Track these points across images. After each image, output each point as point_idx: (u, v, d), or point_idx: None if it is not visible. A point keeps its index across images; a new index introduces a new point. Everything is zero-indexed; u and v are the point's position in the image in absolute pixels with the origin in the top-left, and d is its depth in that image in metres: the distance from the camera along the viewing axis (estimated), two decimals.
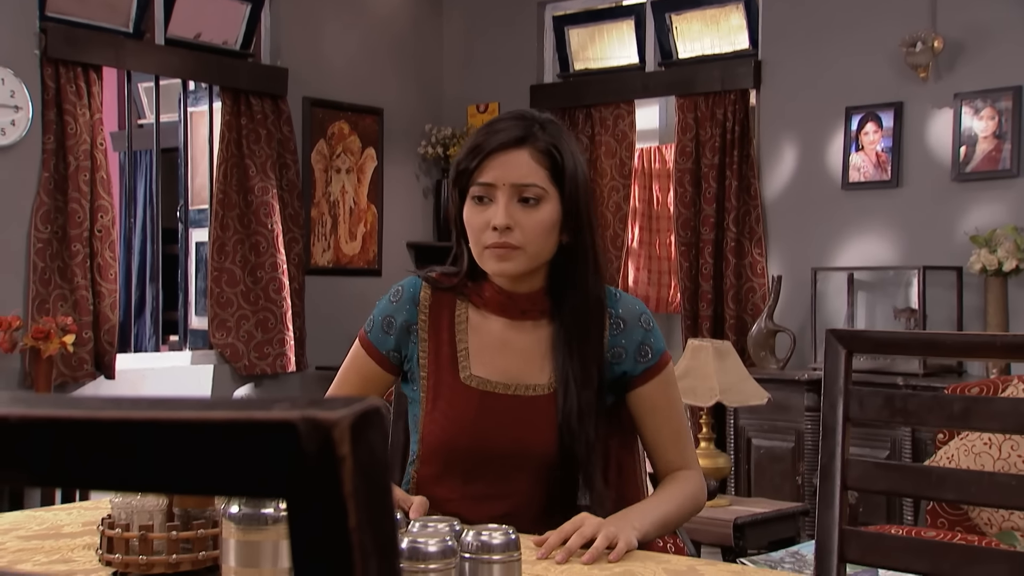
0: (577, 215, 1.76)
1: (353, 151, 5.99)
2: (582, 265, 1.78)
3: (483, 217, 1.74)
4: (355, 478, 0.45)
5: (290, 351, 5.47)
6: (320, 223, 5.85)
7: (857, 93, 5.09)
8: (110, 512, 1.45)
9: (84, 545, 1.60)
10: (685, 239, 5.58)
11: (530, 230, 1.73)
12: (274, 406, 0.47)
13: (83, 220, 4.82)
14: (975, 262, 4.52)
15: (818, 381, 4.79)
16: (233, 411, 0.47)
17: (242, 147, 5.44)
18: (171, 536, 1.40)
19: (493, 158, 1.73)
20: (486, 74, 6.29)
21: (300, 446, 0.45)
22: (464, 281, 1.82)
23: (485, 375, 1.79)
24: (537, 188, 1.73)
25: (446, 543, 1.18)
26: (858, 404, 1.58)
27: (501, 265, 1.74)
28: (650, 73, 5.82)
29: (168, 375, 5.23)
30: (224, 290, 5.38)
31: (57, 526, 1.73)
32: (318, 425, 0.45)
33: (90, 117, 4.88)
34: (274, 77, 5.58)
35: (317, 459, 0.45)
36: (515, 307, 1.80)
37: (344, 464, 0.45)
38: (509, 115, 1.79)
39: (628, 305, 1.82)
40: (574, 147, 1.79)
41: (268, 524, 1.32)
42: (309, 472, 0.45)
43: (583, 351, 1.76)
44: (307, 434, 0.45)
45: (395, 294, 1.86)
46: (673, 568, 1.46)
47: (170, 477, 0.49)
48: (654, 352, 1.81)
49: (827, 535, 1.56)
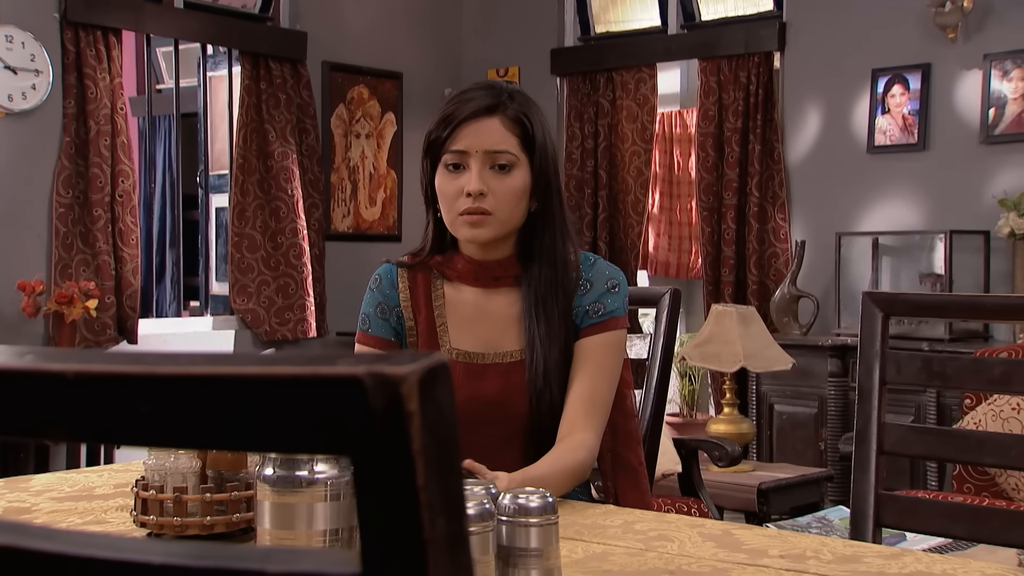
0: (547, 182, 1.81)
1: (372, 116, 5.97)
2: (550, 232, 1.82)
3: (456, 184, 1.77)
4: (423, 435, 0.44)
5: (311, 316, 5.48)
6: (340, 188, 5.83)
7: (883, 55, 5.03)
8: (143, 474, 1.45)
9: (117, 507, 1.60)
10: (707, 204, 5.55)
11: (502, 196, 1.76)
12: (338, 361, 0.45)
13: (104, 185, 4.81)
14: (1003, 226, 4.47)
15: (842, 347, 4.78)
16: (296, 366, 0.46)
17: (262, 112, 5.42)
18: (205, 498, 1.40)
19: (465, 126, 1.77)
20: (506, 38, 6.25)
21: (367, 402, 0.44)
22: (432, 255, 1.85)
23: (464, 347, 1.84)
24: (509, 155, 1.77)
25: (483, 506, 1.17)
26: (895, 368, 1.56)
27: (474, 231, 1.77)
28: (672, 36, 5.76)
29: (190, 340, 5.24)
30: (245, 256, 5.38)
31: (89, 488, 1.73)
32: (386, 380, 0.44)
33: (110, 81, 4.87)
34: (293, 41, 5.55)
35: (384, 415, 0.44)
36: (487, 275, 1.83)
37: (412, 420, 0.44)
38: (477, 85, 1.84)
39: (600, 270, 1.85)
40: (542, 117, 1.84)
41: (303, 486, 1.31)
42: (375, 429, 0.44)
43: (549, 314, 1.79)
44: (374, 389, 0.44)
45: (374, 282, 1.90)
46: (708, 532, 1.45)
47: (229, 433, 0.48)
48: (606, 311, 1.82)
49: (863, 500, 1.55)
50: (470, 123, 1.76)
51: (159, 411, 0.48)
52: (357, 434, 0.45)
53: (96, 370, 0.50)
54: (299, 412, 0.46)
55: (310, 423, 0.45)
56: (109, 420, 0.50)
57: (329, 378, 0.45)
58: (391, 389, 0.44)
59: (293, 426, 0.46)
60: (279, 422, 0.46)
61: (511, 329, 1.82)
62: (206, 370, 0.47)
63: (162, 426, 0.49)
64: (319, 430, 0.45)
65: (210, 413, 0.47)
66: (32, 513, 1.57)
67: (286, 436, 0.46)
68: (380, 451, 0.44)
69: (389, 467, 0.44)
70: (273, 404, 0.46)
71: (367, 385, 0.44)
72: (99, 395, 0.50)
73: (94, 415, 0.50)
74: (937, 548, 2.56)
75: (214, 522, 1.40)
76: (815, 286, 5.18)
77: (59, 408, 0.51)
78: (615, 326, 1.81)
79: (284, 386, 0.46)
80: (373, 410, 0.44)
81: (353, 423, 0.45)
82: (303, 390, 0.45)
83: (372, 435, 0.44)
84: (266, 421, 0.46)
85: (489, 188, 1.75)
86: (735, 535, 1.43)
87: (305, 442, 0.46)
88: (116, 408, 0.49)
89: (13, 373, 0.51)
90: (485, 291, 1.84)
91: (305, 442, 0.46)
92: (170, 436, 0.49)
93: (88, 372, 0.50)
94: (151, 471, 1.43)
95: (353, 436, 0.45)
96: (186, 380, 0.48)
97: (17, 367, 0.51)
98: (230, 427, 0.47)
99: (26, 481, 1.79)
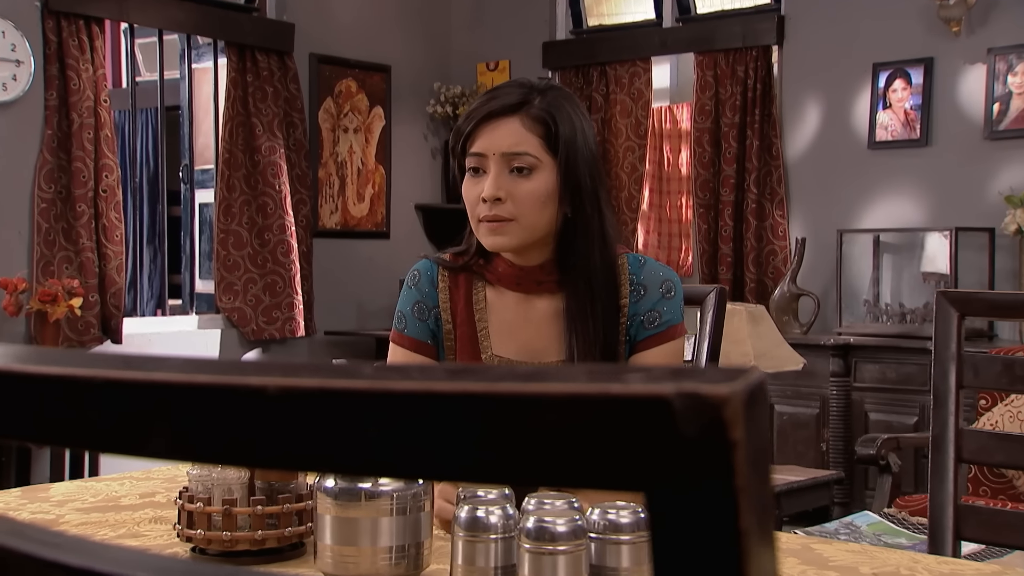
0: (576, 185, 1.69)
1: (361, 110, 5.87)
2: (584, 239, 1.70)
3: (476, 189, 1.69)
4: (747, 469, 0.37)
5: (299, 315, 5.38)
6: (328, 184, 5.73)
7: (885, 49, 5.00)
8: (186, 485, 1.36)
9: (151, 519, 1.52)
10: (704, 201, 5.50)
11: (522, 201, 1.66)
12: (630, 376, 0.38)
13: (88, 179, 4.70)
14: (1010, 223, 4.44)
15: (844, 346, 4.74)
16: (578, 383, 0.38)
17: (248, 105, 5.31)
18: (256, 511, 1.32)
19: (484, 126, 1.68)
20: (497, 31, 6.17)
21: (675, 428, 0.37)
22: (475, 259, 1.77)
23: (506, 354, 1.75)
24: (529, 157, 1.66)
25: (576, 522, 1.10)
26: (972, 371, 1.50)
27: (494, 239, 1.68)
28: (667, 29, 5.71)
29: (175, 340, 5.13)
30: (231, 253, 5.28)
31: (113, 498, 1.65)
32: (702, 402, 0.36)
33: (93, 72, 4.75)
34: (280, 32, 5.45)
35: (700, 445, 0.37)
36: (529, 280, 1.74)
37: (737, 451, 0.36)
38: (511, 82, 1.74)
39: (652, 271, 1.74)
40: (577, 115, 1.71)
41: (367, 499, 1.24)
42: (686, 461, 0.37)
43: (585, 327, 1.70)
44: (686, 413, 0.37)
45: (412, 279, 1.80)
46: (786, 547, 1.39)
47: (485, 464, 0.40)
48: (662, 320, 1.72)
49: (941, 511, 1.49)
50: (488, 123, 1.67)
51: (392, 435, 0.41)
52: (660, 467, 0.37)
53: (308, 385, 0.42)
54: (580, 439, 0.38)
55: (596, 453, 0.38)
56: (324, 444, 0.42)
57: (625, 399, 0.37)
58: (710, 413, 0.36)
59: (572, 456, 0.38)
60: (554, 450, 0.38)
61: (554, 338, 1.74)
62: (455, 387, 0.40)
63: (395, 453, 0.41)
64: (607, 461, 0.38)
65: (460, 440, 0.40)
66: (60, 526, 1.48)
67: (563, 467, 0.39)
68: (691, 487, 0.37)
69: (703, 507, 0.37)
70: (548, 429, 0.38)
71: (676, 408, 0.37)
72: (311, 414, 0.42)
73: (305, 438, 0.43)
74: (973, 555, 2.51)
75: (265, 536, 1.32)
76: (815, 284, 5.14)
77: (256, 428, 0.43)
78: (674, 335, 1.72)
79: (563, 408, 0.38)
80: (684, 438, 0.37)
81: (655, 453, 0.37)
82: (588, 413, 0.38)
83: (681, 468, 0.37)
84: (537, 449, 0.39)
85: (508, 193, 1.65)
86: (816, 550, 1.37)
87: (586, 475, 0.39)
88: (334, 431, 0.42)
89: (209, 388, 0.43)
90: (527, 296, 1.75)
91: (586, 475, 0.39)
92: (405, 465, 0.41)
93: (297, 387, 0.42)
94: (195, 482, 1.35)
95: (654, 469, 0.37)
96: (428, 398, 0.40)
97: (208, 382, 0.43)
98: (487, 457, 0.40)
99: (45, 490, 1.70)
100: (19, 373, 0.48)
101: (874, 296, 4.99)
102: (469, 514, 1.17)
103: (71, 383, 0.47)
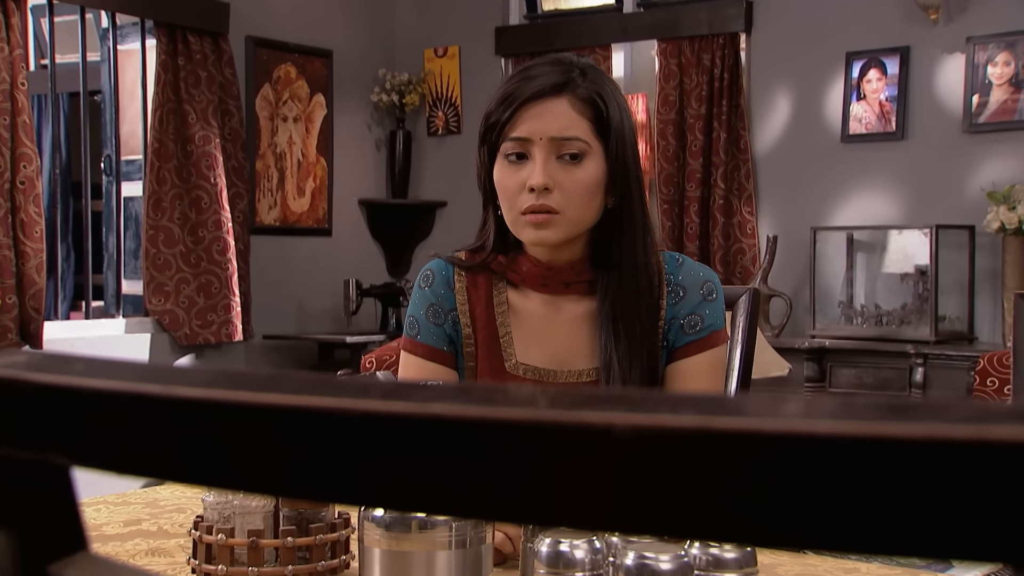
0: (624, 173, 1.62)
1: (300, 98, 5.72)
2: (629, 232, 1.63)
3: (518, 177, 1.59)
4: None
5: (236, 318, 5.21)
6: (266, 177, 5.57)
7: (859, 37, 4.98)
8: (200, 514, 1.24)
9: (146, 551, 1.38)
10: (668, 197, 5.44)
11: (571, 191, 1.58)
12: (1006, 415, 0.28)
13: (3, 170, 4.49)
14: (992, 220, 4.45)
15: (819, 349, 4.71)
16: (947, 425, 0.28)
17: (179, 91, 5.13)
18: (286, 543, 1.19)
19: (528, 108, 1.58)
20: (445, 14, 6.05)
21: None
22: (494, 256, 1.67)
23: (532, 362, 1.66)
24: (579, 142, 1.58)
25: (681, 559, 1.00)
26: None
27: (539, 233, 1.59)
28: (628, 15, 5.64)
29: (100, 345, 4.93)
30: (161, 251, 5.09)
31: (94, 526, 1.51)
32: None
33: (9, 53, 4.54)
34: (214, 12, 5.27)
35: None
36: (557, 280, 1.65)
37: None
38: (544, 60, 1.65)
39: (691, 271, 1.67)
40: (620, 97, 1.64)
41: (421, 530, 1.13)
42: None
43: (630, 331, 1.61)
44: None
45: (425, 279, 1.70)
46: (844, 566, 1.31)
47: None
48: (704, 325, 1.64)
49: None
50: (534, 104, 1.57)
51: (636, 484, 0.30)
52: None
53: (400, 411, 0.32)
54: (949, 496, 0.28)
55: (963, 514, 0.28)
56: None
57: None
58: None
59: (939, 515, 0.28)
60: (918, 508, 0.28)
61: (584, 343, 1.65)
62: (774, 427, 0.30)
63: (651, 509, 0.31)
64: (972, 524, 0.28)
65: None
66: None
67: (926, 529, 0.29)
68: None
69: None
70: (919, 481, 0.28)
71: None
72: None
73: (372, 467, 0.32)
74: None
75: (296, 572, 1.20)
76: (786, 285, 5.11)
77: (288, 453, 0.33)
78: (717, 341, 1.64)
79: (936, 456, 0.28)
80: None
81: None
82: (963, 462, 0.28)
83: None
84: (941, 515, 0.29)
85: (556, 182, 1.56)
86: (861, 570, 1.29)
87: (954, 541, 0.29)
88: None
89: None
90: (553, 298, 1.66)
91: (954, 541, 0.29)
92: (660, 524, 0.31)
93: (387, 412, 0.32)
94: (211, 510, 1.22)
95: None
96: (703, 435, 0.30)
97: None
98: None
99: None
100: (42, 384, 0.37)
101: (848, 297, 4.98)
102: (551, 548, 1.07)
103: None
